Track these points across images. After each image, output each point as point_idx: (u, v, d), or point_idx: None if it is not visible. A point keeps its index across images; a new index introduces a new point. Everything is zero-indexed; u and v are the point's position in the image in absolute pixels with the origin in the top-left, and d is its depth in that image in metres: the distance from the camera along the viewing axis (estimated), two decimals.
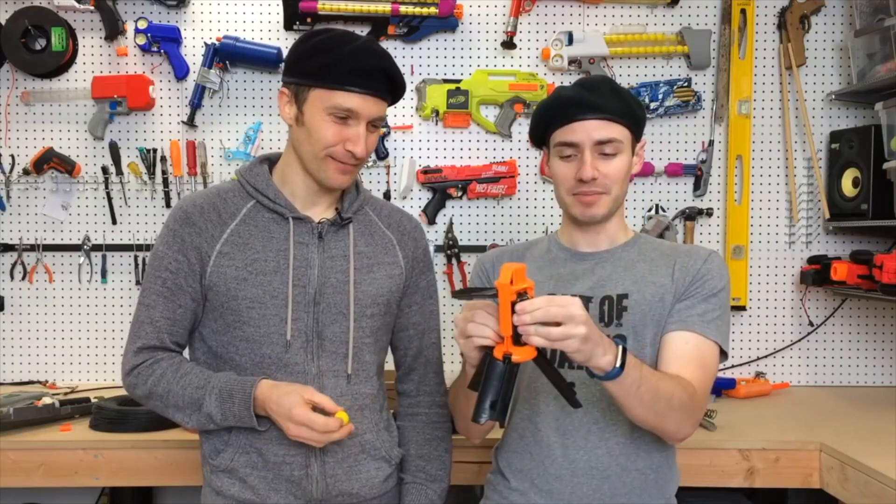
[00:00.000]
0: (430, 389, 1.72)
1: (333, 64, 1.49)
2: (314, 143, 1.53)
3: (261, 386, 1.48)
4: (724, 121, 2.77)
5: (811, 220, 2.79)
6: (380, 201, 1.73)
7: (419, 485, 1.67)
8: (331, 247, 1.59)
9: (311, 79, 1.51)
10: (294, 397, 1.45)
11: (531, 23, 2.75)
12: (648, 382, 1.40)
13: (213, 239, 1.55)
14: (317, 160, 1.54)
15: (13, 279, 2.72)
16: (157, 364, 1.55)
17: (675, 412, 1.46)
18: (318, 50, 1.51)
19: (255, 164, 1.64)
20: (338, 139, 1.52)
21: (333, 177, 1.55)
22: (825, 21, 2.77)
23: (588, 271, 1.63)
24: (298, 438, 1.46)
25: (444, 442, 1.72)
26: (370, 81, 1.51)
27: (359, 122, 1.52)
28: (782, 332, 2.81)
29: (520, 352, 1.32)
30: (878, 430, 2.17)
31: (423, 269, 1.71)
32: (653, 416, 1.45)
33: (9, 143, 2.70)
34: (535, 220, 2.76)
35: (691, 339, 1.54)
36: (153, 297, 1.56)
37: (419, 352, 1.71)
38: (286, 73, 1.57)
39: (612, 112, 1.54)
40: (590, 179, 1.54)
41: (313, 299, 1.56)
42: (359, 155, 1.53)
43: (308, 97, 1.52)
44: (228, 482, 1.57)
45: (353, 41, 1.52)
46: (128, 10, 2.70)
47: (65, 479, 2.09)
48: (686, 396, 1.46)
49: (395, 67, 1.54)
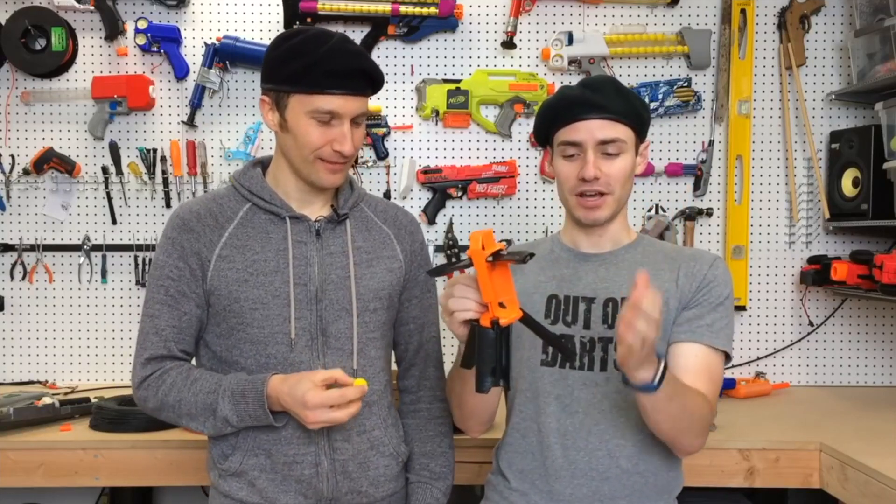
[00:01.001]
0: (431, 384, 1.72)
1: (309, 68, 1.48)
2: (301, 148, 1.53)
3: (272, 382, 1.48)
4: (724, 121, 2.77)
5: (811, 220, 2.79)
6: (374, 197, 1.73)
7: (424, 484, 1.68)
8: (329, 244, 1.59)
9: (289, 84, 1.51)
10: (305, 384, 1.43)
11: (531, 23, 2.75)
12: (679, 399, 1.42)
13: (211, 244, 1.56)
14: (306, 163, 1.54)
15: (13, 279, 2.72)
16: (167, 374, 1.55)
17: (696, 427, 1.49)
18: (292, 55, 1.50)
19: (248, 168, 1.64)
20: (324, 141, 1.52)
21: (325, 177, 1.56)
22: (825, 21, 2.77)
23: (591, 272, 1.63)
24: (320, 425, 1.44)
25: (446, 438, 1.72)
26: (348, 81, 1.50)
27: (342, 121, 1.52)
28: (782, 332, 2.81)
29: (505, 314, 1.33)
30: (878, 430, 2.17)
31: (421, 262, 1.72)
32: (675, 430, 1.48)
33: (9, 143, 2.70)
34: (535, 220, 2.76)
35: (700, 352, 1.54)
36: (157, 307, 1.56)
37: (419, 346, 1.71)
38: (264, 80, 1.56)
39: (616, 112, 1.54)
40: (592, 179, 1.54)
41: (315, 297, 1.56)
42: (347, 153, 1.53)
43: (288, 103, 1.51)
44: (237, 486, 1.57)
45: (325, 42, 1.50)
46: (128, 10, 2.70)
47: (65, 479, 2.09)
48: (706, 412, 1.49)
49: (370, 63, 1.54)
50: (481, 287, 1.33)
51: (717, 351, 1.56)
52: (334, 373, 1.45)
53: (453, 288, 1.38)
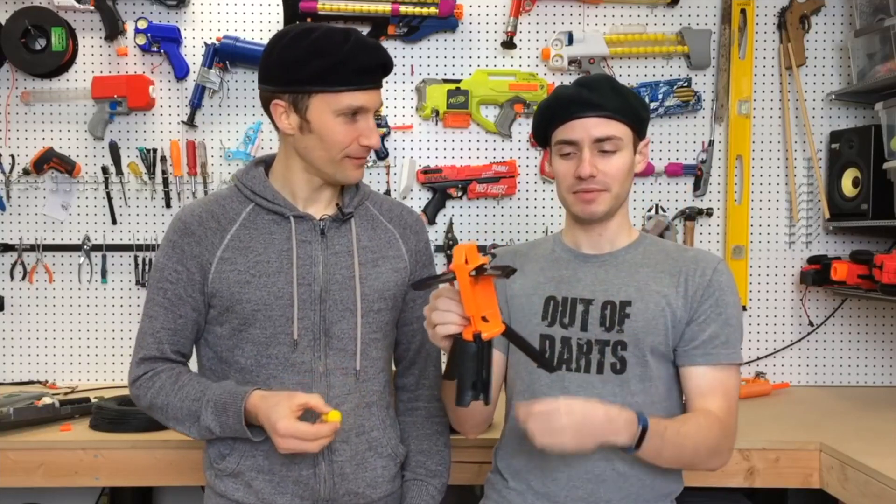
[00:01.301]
0: (430, 383, 1.72)
1: (336, 66, 1.48)
2: (329, 148, 1.52)
3: (251, 398, 1.46)
4: (724, 121, 2.77)
5: (811, 220, 2.79)
6: (379, 196, 1.73)
7: (420, 481, 1.67)
8: (334, 243, 1.59)
9: (312, 84, 1.49)
10: (280, 409, 1.41)
11: (531, 23, 2.75)
12: (671, 446, 1.43)
13: (213, 247, 1.55)
14: (333, 163, 1.54)
15: (13, 279, 2.72)
16: (157, 376, 1.56)
17: (703, 457, 1.51)
18: (313, 53, 1.48)
19: (250, 168, 1.64)
20: (351, 138, 1.52)
21: (352, 173, 1.57)
22: (825, 21, 2.77)
23: (590, 273, 1.62)
24: (290, 451, 1.43)
25: (442, 436, 1.72)
26: (373, 76, 1.53)
27: (367, 115, 1.54)
28: (782, 332, 2.81)
29: (488, 328, 1.33)
30: (878, 430, 2.17)
31: (426, 262, 1.72)
32: (679, 464, 1.51)
33: (9, 143, 2.70)
34: (535, 220, 2.76)
35: (709, 372, 1.55)
36: (155, 309, 1.57)
37: (421, 346, 1.71)
38: (273, 83, 1.53)
39: (612, 110, 1.54)
40: (588, 176, 1.54)
41: (319, 297, 1.55)
42: (375, 146, 1.56)
43: (310, 103, 1.50)
44: (233, 486, 1.57)
45: (343, 38, 1.50)
46: (128, 10, 2.70)
47: (65, 479, 2.09)
48: (713, 440, 1.49)
49: (387, 55, 1.56)
50: (464, 301, 1.32)
51: (729, 366, 1.56)
52: (311, 399, 1.43)
53: (436, 301, 1.38)
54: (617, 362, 1.55)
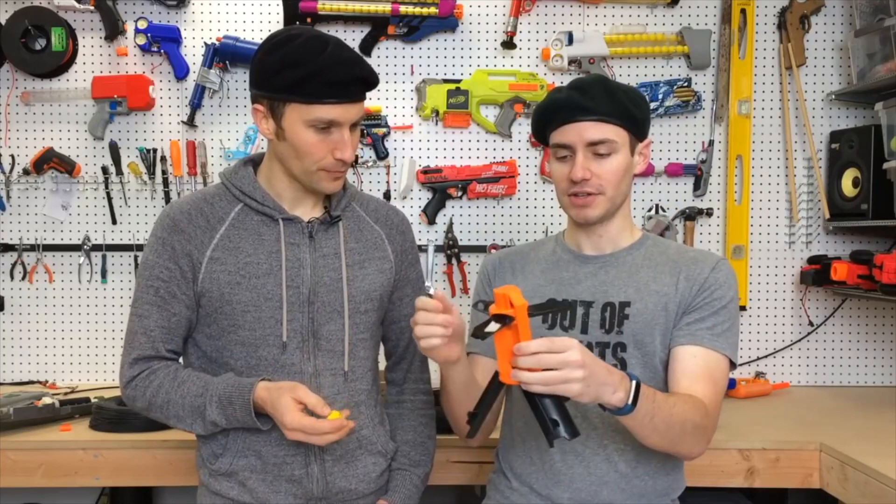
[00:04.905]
0: (416, 377, 1.74)
1: (307, 78, 1.46)
2: (303, 160, 1.51)
3: (258, 391, 1.47)
4: (724, 121, 2.77)
5: (811, 220, 2.79)
6: (365, 196, 1.73)
7: (404, 471, 1.69)
8: (322, 246, 1.59)
9: (286, 93, 1.48)
10: (285, 401, 1.43)
11: (531, 23, 2.75)
12: (662, 412, 1.40)
13: (203, 245, 1.55)
14: (308, 174, 1.54)
15: (13, 279, 2.72)
16: (154, 375, 1.55)
17: (689, 436, 1.47)
18: (287, 63, 1.47)
19: (238, 167, 1.63)
20: (325, 151, 1.51)
21: (326, 185, 1.56)
22: (825, 21, 2.77)
23: (591, 275, 1.62)
24: (297, 439, 1.45)
25: (427, 428, 1.73)
26: (347, 90, 1.49)
27: (341, 128, 1.51)
28: (782, 332, 2.81)
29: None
30: (878, 430, 2.17)
31: (411, 261, 1.72)
32: (667, 442, 1.46)
33: (9, 143, 2.70)
34: (535, 220, 2.76)
35: (699, 354, 1.53)
36: (146, 307, 1.56)
37: (409, 342, 1.71)
38: (256, 87, 1.53)
39: (604, 113, 1.53)
40: (580, 180, 1.54)
41: (307, 299, 1.56)
42: (348, 159, 1.52)
43: (285, 111, 1.49)
44: (227, 485, 1.58)
45: (320, 50, 1.47)
46: (128, 10, 2.70)
47: (65, 479, 2.09)
48: (699, 418, 1.47)
49: (366, 69, 1.52)
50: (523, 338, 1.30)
51: (718, 354, 1.54)
52: (311, 399, 1.43)
53: (417, 315, 1.39)
54: (617, 364, 1.55)
